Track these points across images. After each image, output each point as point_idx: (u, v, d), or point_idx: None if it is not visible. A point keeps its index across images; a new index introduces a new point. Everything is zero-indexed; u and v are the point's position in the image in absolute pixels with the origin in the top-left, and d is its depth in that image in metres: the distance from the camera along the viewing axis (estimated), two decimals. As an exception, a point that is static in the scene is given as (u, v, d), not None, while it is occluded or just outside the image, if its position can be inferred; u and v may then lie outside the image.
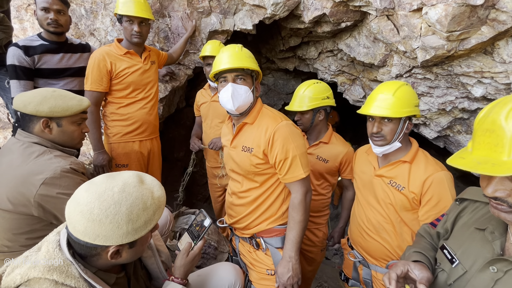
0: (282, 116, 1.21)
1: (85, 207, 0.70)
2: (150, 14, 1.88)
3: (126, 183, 0.77)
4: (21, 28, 2.63)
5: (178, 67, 2.55)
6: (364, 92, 2.58)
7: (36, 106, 1.11)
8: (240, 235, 1.35)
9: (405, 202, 1.17)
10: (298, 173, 1.15)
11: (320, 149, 1.69)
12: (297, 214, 1.14)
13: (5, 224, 1.07)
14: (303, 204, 1.15)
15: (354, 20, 2.02)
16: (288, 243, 1.15)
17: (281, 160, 1.14)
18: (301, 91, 1.64)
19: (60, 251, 0.73)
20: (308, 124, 1.65)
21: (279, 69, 3.69)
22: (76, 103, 1.19)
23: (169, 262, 1.03)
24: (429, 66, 1.80)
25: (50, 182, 1.04)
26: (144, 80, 1.95)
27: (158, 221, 0.81)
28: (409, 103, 1.18)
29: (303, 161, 1.16)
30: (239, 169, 1.26)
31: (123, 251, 0.77)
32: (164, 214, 1.55)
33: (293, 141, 1.14)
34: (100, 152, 1.84)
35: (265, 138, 1.15)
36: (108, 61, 1.79)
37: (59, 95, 1.17)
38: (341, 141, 1.73)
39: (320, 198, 1.74)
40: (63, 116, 1.16)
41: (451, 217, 0.84)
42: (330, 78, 2.79)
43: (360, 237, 1.35)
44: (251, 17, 2.28)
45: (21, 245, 1.08)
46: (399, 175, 1.19)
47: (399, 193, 1.18)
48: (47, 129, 1.15)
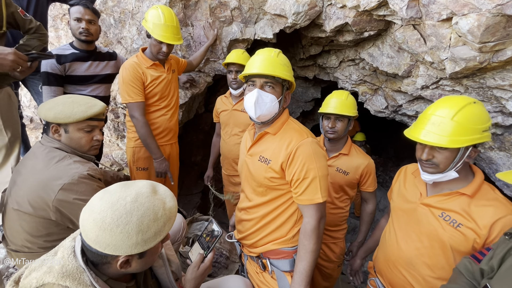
0: (308, 133, 1.12)
1: (98, 215, 0.72)
2: (180, 38, 1.91)
3: (139, 193, 0.77)
4: (56, 36, 2.81)
5: (199, 75, 2.60)
6: (386, 103, 2.48)
7: (45, 112, 1.15)
8: (247, 253, 1.27)
9: (460, 241, 0.95)
10: (315, 196, 1.04)
11: (340, 161, 1.64)
12: (309, 243, 1.02)
13: (25, 226, 1.11)
14: (316, 231, 1.04)
15: (377, 29, 1.96)
16: (297, 275, 1.02)
17: (299, 179, 1.05)
18: (343, 98, 1.61)
19: (74, 257, 0.75)
20: (342, 132, 1.61)
21: (299, 77, 3.66)
22: (82, 109, 1.16)
23: (179, 272, 1.03)
24: (458, 78, 1.69)
25: (67, 188, 1.07)
26: (168, 89, 2.01)
27: (169, 231, 0.81)
28: (474, 129, 0.92)
29: (322, 184, 1.05)
30: (252, 180, 1.18)
31: (133, 261, 0.77)
32: (177, 221, 1.56)
33: (316, 161, 1.04)
34: (161, 160, 1.92)
35: (286, 152, 1.06)
36: (141, 72, 1.86)
37: (71, 102, 1.17)
38: (361, 153, 1.67)
39: (338, 212, 1.68)
40: (68, 123, 1.15)
41: (499, 253, 0.74)
42: (351, 88, 2.72)
43: (386, 268, 1.20)
44: (272, 26, 2.29)
45: (40, 247, 1.12)
46: (455, 209, 0.98)
47: (453, 229, 0.97)
48: (56, 134, 1.18)
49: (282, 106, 1.14)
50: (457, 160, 0.96)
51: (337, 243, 1.73)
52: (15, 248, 1.14)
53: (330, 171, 1.61)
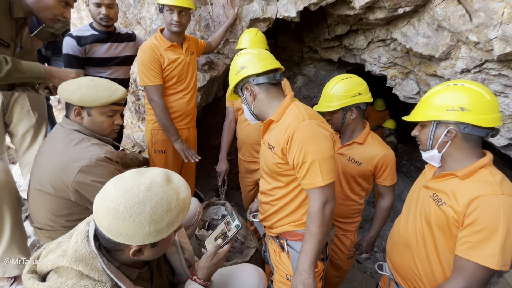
0: (308, 114, 1.08)
1: (111, 203, 0.70)
2: (191, 3, 1.85)
3: (153, 182, 0.75)
4: (78, 17, 2.82)
5: (217, 56, 2.52)
6: (418, 88, 2.28)
7: (69, 94, 1.15)
8: (268, 233, 1.33)
9: (442, 220, 0.99)
10: (315, 180, 1.03)
11: (353, 150, 1.53)
12: (313, 226, 1.04)
13: (48, 206, 1.15)
14: (319, 215, 1.03)
15: (414, 4, 1.75)
16: (302, 255, 1.06)
17: (299, 163, 1.04)
18: (329, 89, 1.49)
19: (88, 242, 0.75)
20: (338, 124, 1.51)
21: (322, 59, 3.47)
22: (107, 94, 1.17)
23: (193, 260, 1.02)
24: (508, 61, 1.49)
25: (86, 170, 1.09)
26: (186, 72, 1.96)
27: (182, 221, 0.79)
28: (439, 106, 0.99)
29: (323, 167, 1.02)
30: (265, 167, 1.21)
31: (145, 249, 0.77)
32: (193, 205, 1.56)
33: (314, 143, 1.02)
34: (180, 141, 1.94)
35: (284, 137, 1.06)
36: (159, 54, 1.83)
37: (94, 84, 1.17)
38: (378, 143, 1.53)
39: (350, 204, 1.60)
40: (93, 106, 1.16)
41: None
42: (379, 71, 2.53)
43: (390, 250, 1.23)
44: (296, 3, 2.13)
45: (62, 226, 1.16)
46: (444, 190, 1.01)
47: (438, 208, 1.01)
48: (79, 117, 1.19)
49: (252, 102, 1.16)
50: (431, 137, 1.02)
51: (347, 236, 1.66)
52: (39, 226, 1.19)
53: (342, 160, 1.54)
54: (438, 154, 1.04)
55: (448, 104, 0.98)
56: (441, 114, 0.98)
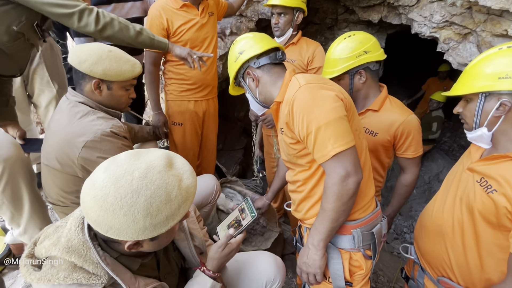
0: (306, 80, 0.93)
1: (100, 192, 0.60)
2: None
3: (150, 167, 0.63)
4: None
5: (240, 20, 2.28)
6: (478, 52, 1.89)
7: (90, 66, 1.07)
8: (304, 225, 1.20)
9: (490, 209, 0.86)
10: (325, 150, 0.87)
11: (367, 119, 1.29)
12: (325, 202, 0.91)
13: (57, 182, 1.12)
14: (334, 189, 0.87)
15: None
16: (312, 229, 0.98)
17: (305, 136, 0.91)
18: (331, 52, 1.28)
19: (82, 231, 0.67)
20: (347, 90, 1.28)
21: (360, 21, 3.04)
22: (129, 68, 1.14)
23: (203, 247, 0.94)
24: None
25: (91, 146, 1.03)
26: (202, 36, 1.77)
27: (185, 214, 0.68)
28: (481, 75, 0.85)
29: (331, 133, 0.86)
30: (283, 154, 1.10)
31: (144, 243, 0.67)
32: (210, 183, 1.47)
33: (315, 108, 0.87)
34: (157, 113, 1.84)
35: (286, 112, 0.95)
36: (164, 17, 1.65)
37: (114, 56, 1.12)
38: (397, 107, 1.28)
39: None
40: (115, 81, 1.12)
41: None
42: (429, 33, 2.13)
43: (419, 234, 1.14)
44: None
45: (72, 202, 1.14)
46: (494, 175, 0.87)
47: (486, 195, 0.88)
48: (98, 90, 1.12)
49: (255, 88, 1.07)
50: (479, 113, 0.89)
51: None
52: (52, 201, 1.19)
53: None
54: (487, 133, 0.90)
55: (501, 71, 0.84)
56: (492, 83, 0.85)
